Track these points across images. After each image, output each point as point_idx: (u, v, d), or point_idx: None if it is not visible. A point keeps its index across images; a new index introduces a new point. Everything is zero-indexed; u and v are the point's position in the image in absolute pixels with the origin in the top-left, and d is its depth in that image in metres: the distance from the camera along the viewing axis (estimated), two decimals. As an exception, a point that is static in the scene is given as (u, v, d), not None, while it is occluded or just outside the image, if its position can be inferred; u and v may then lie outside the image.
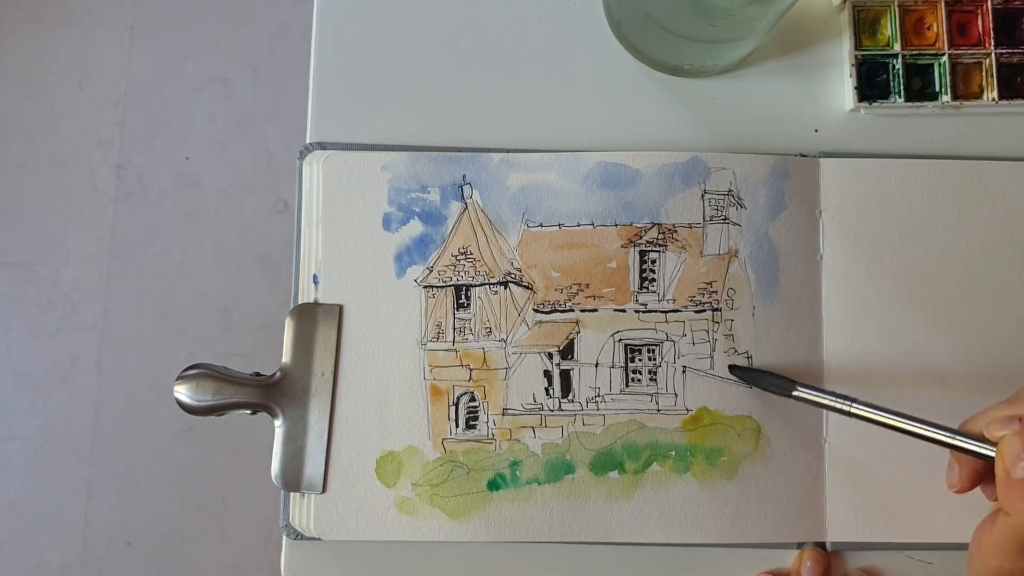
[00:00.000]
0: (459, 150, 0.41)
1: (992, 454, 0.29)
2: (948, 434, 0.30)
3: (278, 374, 0.39)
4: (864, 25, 0.42)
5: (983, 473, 0.31)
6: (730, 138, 0.42)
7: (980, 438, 0.29)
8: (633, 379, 0.39)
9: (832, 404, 0.33)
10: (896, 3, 0.41)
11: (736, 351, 0.39)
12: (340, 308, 0.39)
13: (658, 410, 0.39)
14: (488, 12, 0.42)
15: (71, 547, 1.14)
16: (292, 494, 0.39)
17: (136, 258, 1.19)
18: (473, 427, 0.39)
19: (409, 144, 0.41)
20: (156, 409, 1.16)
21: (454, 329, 0.39)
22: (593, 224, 0.40)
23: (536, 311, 0.39)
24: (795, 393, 0.35)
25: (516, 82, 0.42)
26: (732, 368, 0.38)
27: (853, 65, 0.41)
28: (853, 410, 0.32)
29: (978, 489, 0.33)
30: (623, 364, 0.39)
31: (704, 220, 0.40)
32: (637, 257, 0.39)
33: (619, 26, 0.41)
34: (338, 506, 0.38)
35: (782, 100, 0.42)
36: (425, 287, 0.40)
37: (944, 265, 0.40)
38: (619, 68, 0.42)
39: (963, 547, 0.32)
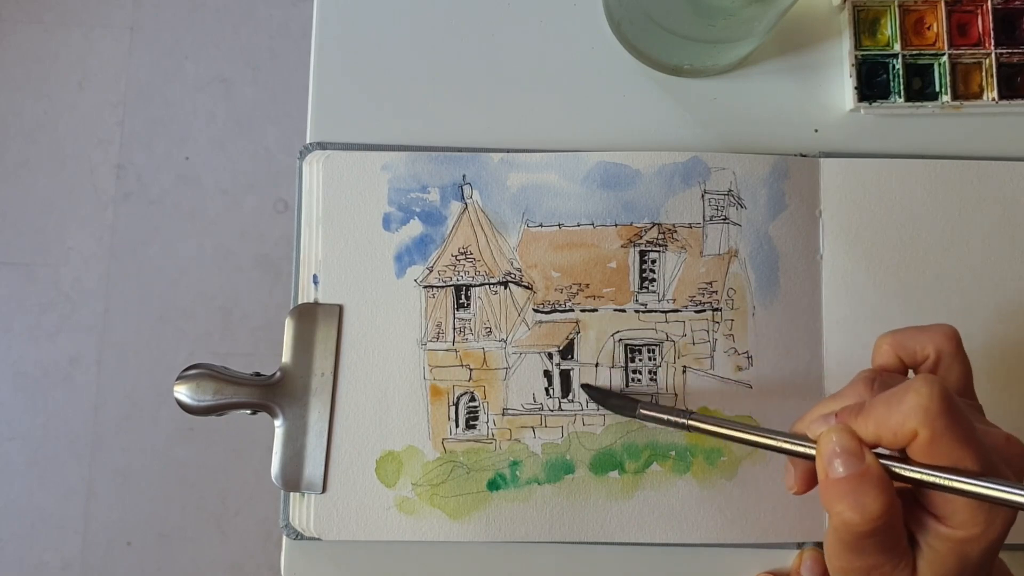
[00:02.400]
0: (459, 150, 0.41)
1: (814, 453, 0.28)
2: (775, 437, 0.29)
3: (278, 374, 0.39)
4: (864, 25, 0.42)
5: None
6: (730, 138, 0.42)
7: (805, 438, 0.28)
8: (633, 379, 0.39)
9: (671, 420, 0.34)
10: (896, 3, 0.41)
11: (736, 351, 0.39)
12: (340, 308, 0.39)
13: (658, 410, 0.39)
14: (488, 12, 0.42)
15: (71, 547, 1.14)
16: (292, 494, 0.39)
17: (136, 258, 1.19)
18: (473, 427, 0.39)
19: (409, 144, 0.41)
20: (156, 409, 1.16)
21: (454, 329, 0.39)
22: (593, 224, 0.40)
23: (536, 311, 0.39)
24: (639, 412, 0.36)
25: (516, 82, 0.42)
26: (584, 387, 0.39)
27: (853, 65, 0.41)
28: (690, 423, 0.33)
29: None
30: (623, 364, 0.39)
31: (704, 220, 0.40)
32: (637, 257, 0.39)
33: (619, 26, 0.41)
34: (338, 506, 0.38)
35: (782, 100, 0.42)
36: (425, 287, 0.40)
37: (944, 265, 0.40)
38: (619, 68, 0.42)
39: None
